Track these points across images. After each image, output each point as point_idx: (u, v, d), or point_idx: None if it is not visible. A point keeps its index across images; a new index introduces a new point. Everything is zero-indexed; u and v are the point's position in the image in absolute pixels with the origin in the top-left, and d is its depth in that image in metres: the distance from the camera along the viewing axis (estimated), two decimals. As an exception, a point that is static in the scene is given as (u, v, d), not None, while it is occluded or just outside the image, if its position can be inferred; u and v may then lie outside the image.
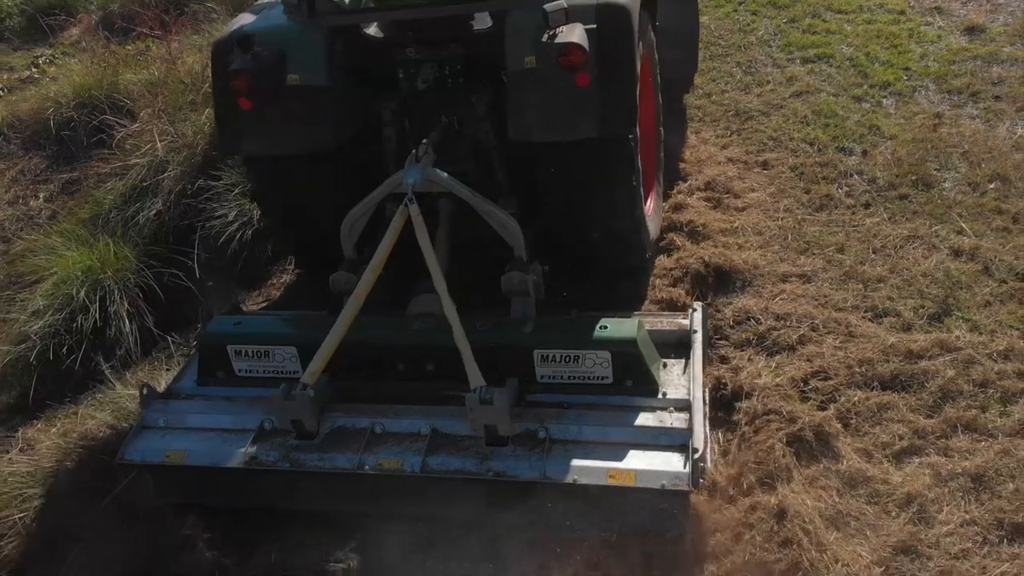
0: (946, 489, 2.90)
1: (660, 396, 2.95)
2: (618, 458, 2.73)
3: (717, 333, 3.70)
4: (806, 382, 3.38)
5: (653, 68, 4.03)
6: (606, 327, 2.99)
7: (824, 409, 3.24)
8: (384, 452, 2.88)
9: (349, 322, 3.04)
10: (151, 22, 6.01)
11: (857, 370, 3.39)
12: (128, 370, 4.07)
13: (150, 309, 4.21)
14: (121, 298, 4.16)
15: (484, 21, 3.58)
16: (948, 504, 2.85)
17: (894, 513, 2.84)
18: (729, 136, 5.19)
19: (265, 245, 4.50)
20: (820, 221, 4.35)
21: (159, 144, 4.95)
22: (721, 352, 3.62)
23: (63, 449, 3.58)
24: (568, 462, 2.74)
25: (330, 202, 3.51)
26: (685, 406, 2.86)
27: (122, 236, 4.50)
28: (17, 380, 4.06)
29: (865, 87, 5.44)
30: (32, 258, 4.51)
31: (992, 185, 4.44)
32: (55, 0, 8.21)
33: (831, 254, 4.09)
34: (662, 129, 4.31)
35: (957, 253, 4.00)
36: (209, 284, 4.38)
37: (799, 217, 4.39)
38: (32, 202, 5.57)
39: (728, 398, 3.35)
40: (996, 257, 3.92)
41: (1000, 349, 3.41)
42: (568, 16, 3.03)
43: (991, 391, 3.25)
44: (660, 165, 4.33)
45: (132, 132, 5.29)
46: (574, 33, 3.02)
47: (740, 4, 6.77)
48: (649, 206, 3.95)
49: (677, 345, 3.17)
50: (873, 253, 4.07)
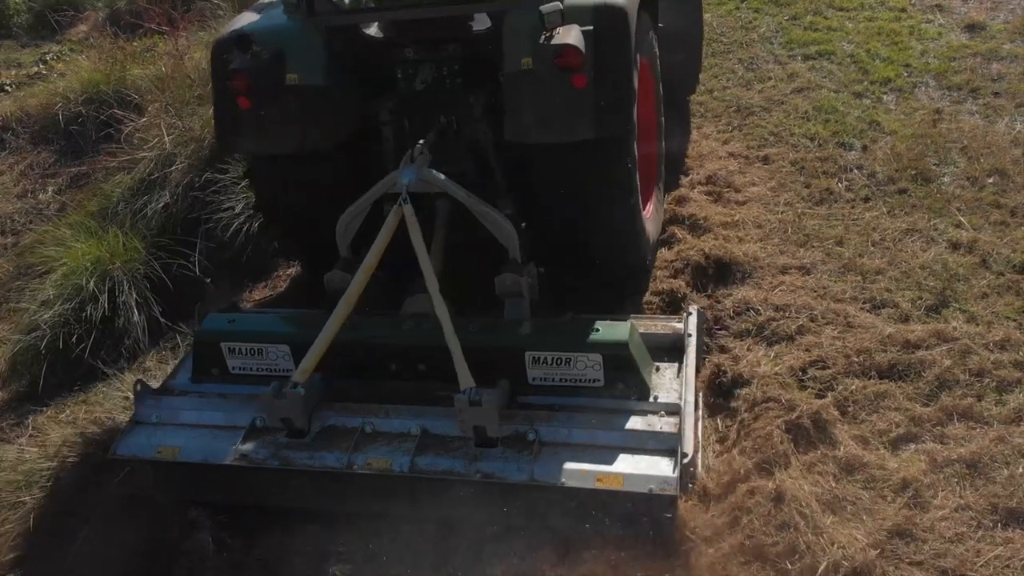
0: (941, 475, 2.94)
1: (651, 400, 2.93)
2: (607, 461, 2.72)
3: (717, 323, 3.75)
4: (804, 371, 3.42)
5: (654, 71, 4.02)
6: (598, 330, 2.97)
7: (822, 397, 3.28)
8: (373, 452, 2.88)
9: (341, 321, 3.03)
10: (159, 18, 6.07)
11: (855, 359, 3.43)
12: (136, 359, 4.14)
13: (158, 300, 4.27)
14: (130, 288, 4.22)
15: (483, 22, 3.56)
16: (943, 489, 2.88)
17: (890, 498, 2.87)
18: (730, 131, 5.24)
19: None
20: (820, 215, 4.40)
21: (167, 138, 5.02)
22: (721, 342, 3.66)
23: (72, 436, 3.63)
24: (556, 465, 2.73)
25: (329, 201, 3.48)
26: (676, 410, 2.84)
27: (130, 228, 4.57)
28: (27, 369, 4.13)
29: (866, 83, 5.49)
30: (42, 249, 4.58)
31: (991, 180, 4.48)
32: (63, -3, 8.31)
33: (830, 247, 4.13)
34: (663, 132, 4.29)
35: (955, 246, 4.04)
36: (208, 280, 4.41)
37: (799, 211, 4.43)
38: (41, 195, 5.65)
39: (728, 385, 3.40)
40: (994, 250, 3.97)
41: (997, 339, 3.45)
42: (564, 17, 3.02)
43: (987, 380, 3.29)
44: (660, 167, 4.30)
45: (140, 126, 5.37)
46: (570, 34, 3.02)
47: (742, 1, 6.83)
48: (648, 209, 3.94)
49: (671, 349, 3.15)
50: (872, 246, 4.11)
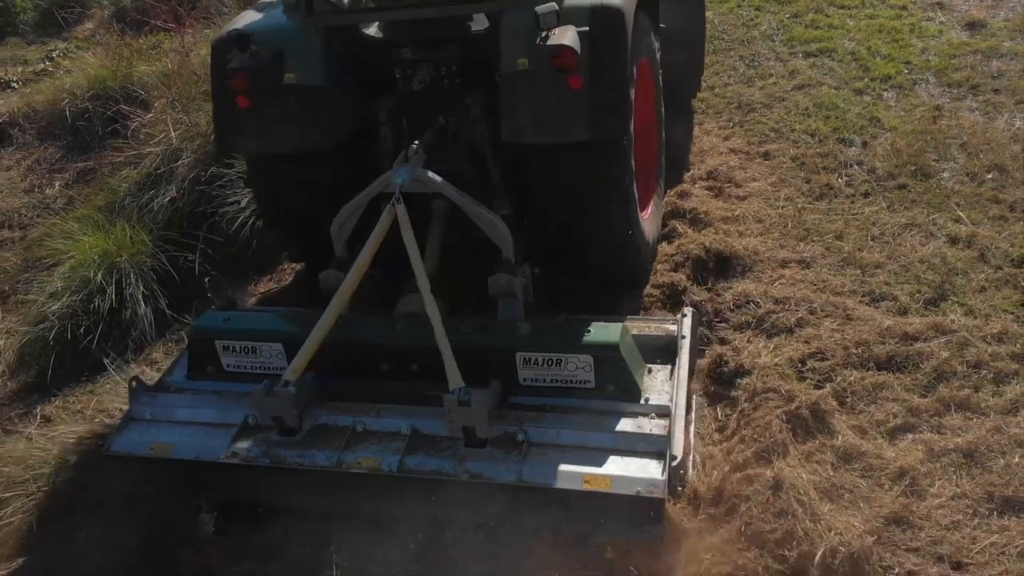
0: (938, 464, 2.97)
1: (642, 402, 2.91)
2: (595, 463, 2.70)
3: (718, 316, 3.80)
4: (804, 362, 3.46)
5: (654, 71, 4.01)
6: (590, 331, 2.96)
7: (821, 388, 3.31)
8: (363, 451, 2.87)
9: (332, 320, 3.04)
10: (165, 15, 6.12)
11: (853, 351, 3.46)
12: (143, 351, 4.18)
13: (164, 292, 4.31)
14: (136, 281, 4.26)
15: (482, 22, 3.57)
16: (940, 478, 2.92)
17: (887, 486, 2.91)
18: (732, 127, 5.28)
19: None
20: (820, 209, 4.44)
21: (173, 133, 5.06)
22: (721, 334, 3.71)
23: (79, 426, 3.68)
24: (545, 466, 2.72)
25: (328, 201, 3.46)
26: (666, 412, 2.81)
27: (137, 222, 4.61)
28: (35, 359, 4.17)
29: (866, 80, 5.52)
30: (49, 242, 4.63)
31: (990, 175, 4.52)
32: (70, -6, 8.36)
33: (830, 241, 4.17)
34: (663, 132, 4.28)
35: (954, 240, 4.08)
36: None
37: (799, 205, 4.47)
38: (48, 190, 5.70)
39: (729, 375, 3.44)
40: (992, 244, 4.00)
41: (994, 332, 3.49)
42: (560, 18, 3.02)
43: (984, 372, 3.33)
44: (661, 168, 4.28)
45: (146, 122, 5.41)
46: (566, 35, 3.02)
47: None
48: (647, 210, 3.92)
49: (664, 350, 3.13)
50: (871, 240, 4.15)
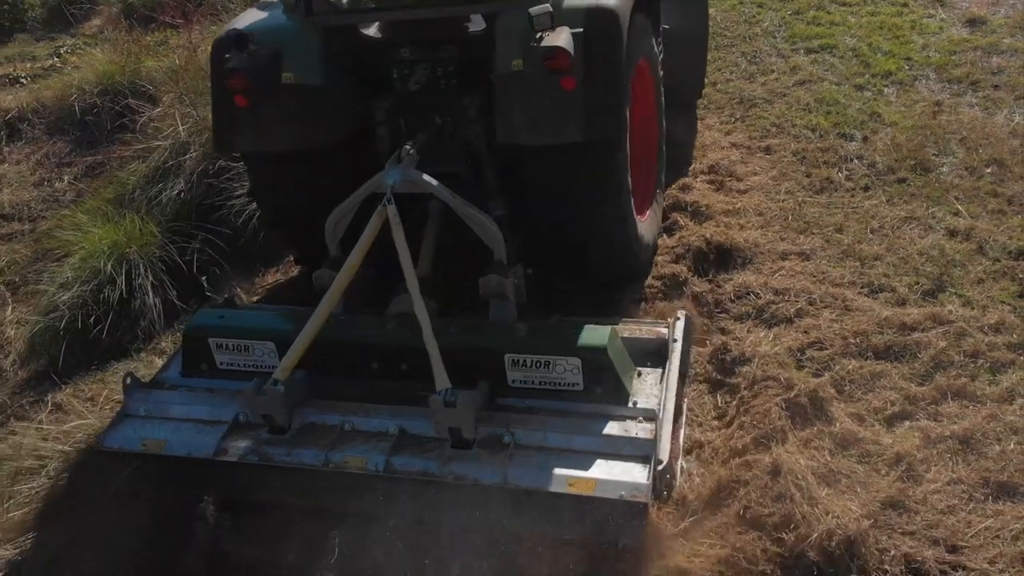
0: (934, 450, 3.02)
1: (630, 405, 2.90)
2: (580, 466, 2.70)
3: (718, 306, 3.85)
4: (803, 351, 3.51)
5: (654, 73, 4.01)
6: (578, 334, 2.95)
7: (819, 376, 3.36)
8: (351, 450, 2.88)
9: (322, 320, 3.05)
10: (173, 12, 6.19)
11: (852, 341, 3.51)
12: (152, 340, 4.25)
13: (173, 283, 4.38)
14: (146, 272, 4.33)
15: (479, 23, 3.58)
16: (936, 464, 2.97)
17: (884, 471, 2.96)
18: (733, 123, 5.33)
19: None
20: (820, 203, 4.48)
21: (181, 127, 5.12)
22: (722, 324, 3.76)
23: (90, 414, 3.75)
24: (530, 468, 2.72)
25: (327, 200, 3.45)
26: (653, 416, 2.80)
27: (146, 214, 4.68)
28: (45, 349, 4.24)
29: (867, 76, 5.57)
30: (60, 234, 4.70)
31: (989, 169, 4.56)
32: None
33: (830, 234, 4.22)
34: (664, 133, 4.27)
35: (952, 233, 4.13)
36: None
37: (800, 199, 4.52)
38: (57, 184, 5.78)
39: (729, 364, 3.49)
40: (990, 237, 4.05)
41: (991, 323, 3.53)
42: (554, 20, 3.02)
43: (981, 361, 3.37)
44: (661, 169, 4.28)
45: (154, 116, 5.48)
46: (560, 37, 3.03)
47: (746, -3, 6.91)
48: (646, 211, 3.92)
49: (655, 354, 3.12)
50: (871, 233, 4.20)
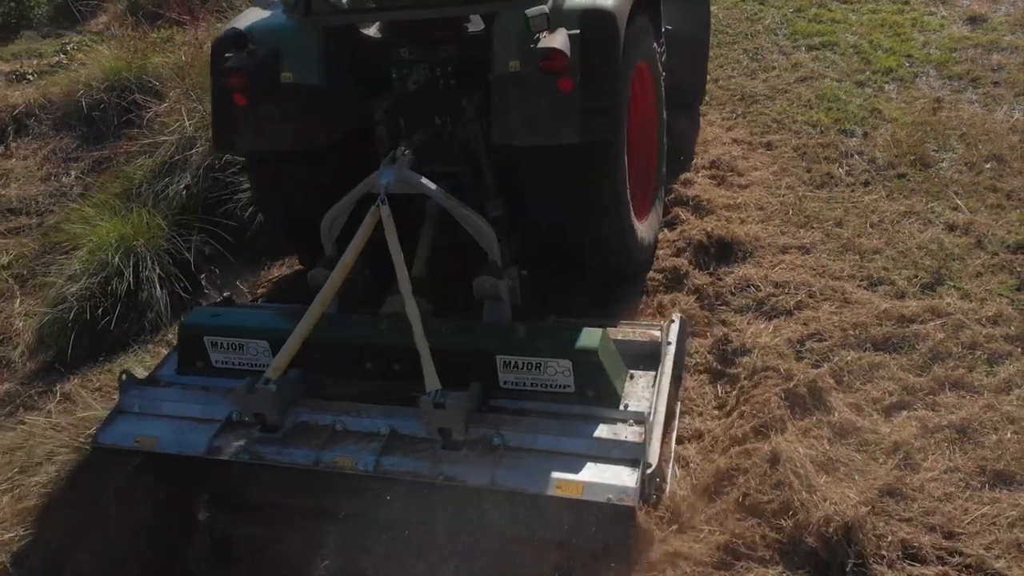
0: (932, 440, 3.06)
1: (621, 408, 2.89)
2: (569, 469, 2.68)
3: (719, 299, 3.89)
4: (802, 343, 3.55)
5: (654, 74, 4.01)
6: (570, 336, 2.94)
7: (818, 367, 3.40)
8: (341, 450, 2.89)
9: (315, 319, 3.06)
10: (179, 8, 6.24)
11: (851, 333, 3.55)
12: (159, 332, 4.30)
13: (179, 275, 4.43)
14: (153, 264, 4.39)
15: (479, 23, 3.58)
16: (933, 453, 3.01)
17: (881, 460, 3.00)
18: (735, 119, 5.37)
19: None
20: (820, 198, 4.52)
21: (187, 122, 5.17)
22: (722, 316, 3.80)
23: (98, 405, 3.80)
24: (519, 470, 2.72)
25: (326, 200, 3.45)
26: (643, 419, 2.77)
27: (153, 207, 4.73)
28: (54, 340, 4.30)
29: (868, 73, 5.61)
30: (67, 227, 4.75)
31: (988, 165, 4.60)
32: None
33: (830, 228, 4.26)
34: (664, 134, 4.28)
35: (952, 228, 4.16)
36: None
37: (800, 194, 4.56)
38: (64, 179, 5.83)
39: (730, 355, 3.53)
40: (989, 231, 4.08)
41: (989, 315, 3.57)
42: (550, 21, 3.04)
43: (979, 353, 3.41)
44: (661, 172, 4.27)
45: (161, 112, 5.53)
46: (557, 38, 3.04)
47: (748, -6, 6.95)
48: (645, 214, 3.93)
49: (649, 357, 3.11)
50: (870, 227, 4.24)
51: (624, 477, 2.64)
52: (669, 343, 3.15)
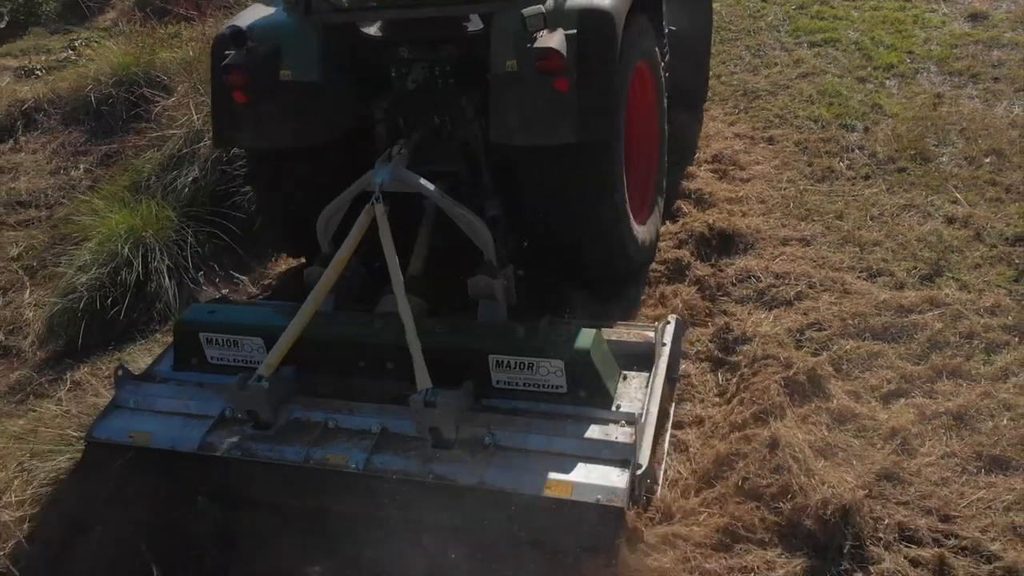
0: (929, 426, 3.10)
1: (613, 409, 2.90)
2: (559, 469, 2.68)
3: (720, 289, 3.94)
4: (802, 332, 3.60)
5: (655, 74, 4.03)
6: (563, 336, 2.94)
7: (818, 356, 3.44)
8: (332, 448, 2.90)
9: (308, 317, 3.06)
10: (186, 4, 6.30)
11: (850, 322, 3.60)
12: (167, 322, 4.36)
13: (188, 267, 4.49)
14: (161, 255, 4.44)
15: (478, 23, 3.58)
16: (930, 439, 3.05)
17: (879, 445, 3.04)
18: (737, 114, 5.42)
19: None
20: (821, 191, 4.57)
21: (195, 116, 5.23)
22: (723, 307, 3.85)
23: (108, 393, 3.85)
24: (509, 470, 2.72)
25: (325, 198, 3.45)
26: (634, 420, 2.78)
27: (162, 200, 4.78)
28: (64, 329, 4.35)
29: (869, 69, 5.66)
30: (77, 219, 4.82)
31: (988, 159, 4.64)
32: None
33: (830, 220, 4.31)
34: (665, 135, 4.28)
35: (951, 220, 4.21)
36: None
37: (801, 187, 4.61)
38: (73, 172, 5.89)
39: (731, 343, 3.58)
40: (988, 224, 4.13)
41: (987, 305, 3.62)
42: (547, 20, 3.04)
43: (976, 342, 3.46)
44: (662, 172, 4.27)
45: (169, 106, 5.58)
46: (553, 38, 3.04)
47: (750, -9, 7.00)
48: (644, 215, 3.95)
49: (643, 357, 3.10)
50: (870, 220, 4.28)
51: (613, 478, 2.64)
52: (664, 344, 3.15)
